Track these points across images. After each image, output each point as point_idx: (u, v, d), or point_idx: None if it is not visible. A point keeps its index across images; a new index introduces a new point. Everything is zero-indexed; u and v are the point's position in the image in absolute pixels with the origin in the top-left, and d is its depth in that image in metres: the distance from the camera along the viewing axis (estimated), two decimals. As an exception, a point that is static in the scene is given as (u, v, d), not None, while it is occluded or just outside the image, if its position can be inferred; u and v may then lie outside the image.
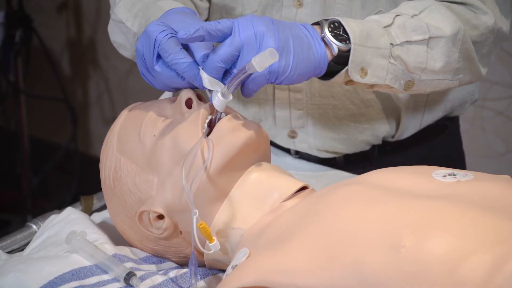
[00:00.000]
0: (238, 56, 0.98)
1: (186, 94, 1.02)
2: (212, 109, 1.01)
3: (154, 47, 0.99)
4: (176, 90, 1.05)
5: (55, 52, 2.98)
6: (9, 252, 1.13)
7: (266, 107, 1.36)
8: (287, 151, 1.42)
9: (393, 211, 0.84)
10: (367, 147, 1.37)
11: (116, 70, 2.88)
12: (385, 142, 1.37)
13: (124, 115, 1.08)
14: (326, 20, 1.04)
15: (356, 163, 1.38)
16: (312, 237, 0.85)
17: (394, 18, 1.09)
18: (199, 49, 0.99)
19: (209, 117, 1.01)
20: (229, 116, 1.01)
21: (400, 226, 0.81)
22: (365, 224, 0.83)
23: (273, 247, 0.87)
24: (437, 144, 1.42)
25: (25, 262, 1.00)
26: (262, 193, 0.99)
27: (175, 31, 1.00)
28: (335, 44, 1.03)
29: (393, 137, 1.37)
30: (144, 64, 1.02)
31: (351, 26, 1.04)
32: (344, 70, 1.05)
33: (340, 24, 1.04)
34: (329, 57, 1.03)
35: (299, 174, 1.25)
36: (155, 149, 1.00)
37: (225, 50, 0.97)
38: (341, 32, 1.04)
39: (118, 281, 0.98)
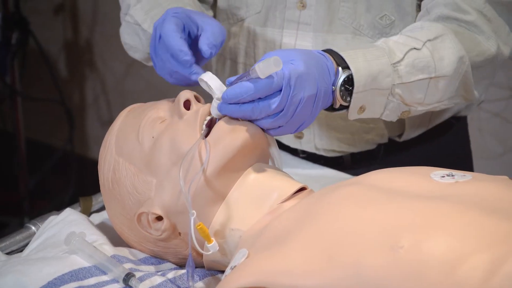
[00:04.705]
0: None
1: (184, 95, 1.02)
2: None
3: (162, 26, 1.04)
4: (173, 80, 1.08)
5: (51, 54, 2.97)
6: (8, 253, 1.13)
7: None
8: (294, 151, 1.42)
9: (391, 212, 0.84)
10: (373, 146, 1.37)
11: (113, 72, 2.88)
12: (391, 141, 1.37)
13: (122, 117, 1.08)
14: (343, 68, 1.05)
15: (362, 161, 1.38)
16: (310, 238, 0.85)
17: (407, 52, 1.10)
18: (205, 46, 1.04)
19: (208, 118, 1.01)
20: (227, 117, 1.01)
21: (399, 226, 0.81)
22: (363, 225, 0.83)
23: (272, 248, 0.87)
24: (444, 143, 1.42)
25: (24, 263, 1.00)
26: (260, 194, 0.99)
27: (193, 19, 1.05)
28: (339, 101, 1.06)
29: (400, 136, 1.37)
30: (154, 43, 1.05)
31: (359, 72, 1.05)
32: (342, 111, 1.08)
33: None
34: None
35: (297, 175, 1.25)
36: (153, 150, 1.00)
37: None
38: (350, 88, 1.06)
39: (117, 282, 0.98)
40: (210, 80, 1.01)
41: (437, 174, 0.93)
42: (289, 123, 1.00)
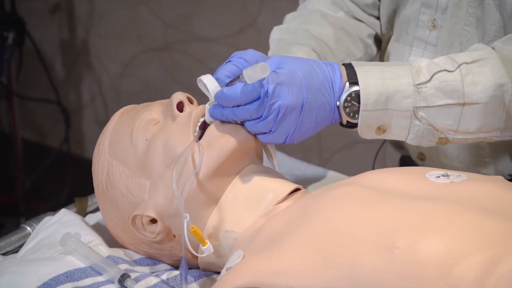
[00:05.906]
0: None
1: (177, 97, 1.02)
2: (204, 112, 1.02)
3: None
4: None
5: (48, 55, 2.97)
6: (3, 254, 1.12)
7: None
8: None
9: (387, 213, 0.84)
10: None
11: (109, 72, 2.88)
12: None
13: (115, 119, 1.07)
14: (353, 83, 0.99)
15: None
16: (306, 239, 0.85)
17: (435, 73, 1.01)
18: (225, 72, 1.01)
19: (201, 120, 1.01)
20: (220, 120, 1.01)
21: (394, 227, 0.81)
22: (359, 226, 0.83)
23: (267, 249, 0.88)
24: None
25: (19, 264, 1.00)
26: (255, 196, 0.99)
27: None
28: (344, 117, 1.01)
29: None
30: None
31: (367, 89, 0.99)
32: (355, 129, 1.03)
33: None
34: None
35: (293, 175, 1.26)
36: (147, 152, 1.00)
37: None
38: (357, 104, 1.00)
39: (113, 282, 0.98)
40: (209, 83, 0.99)
41: (433, 174, 0.93)
42: (274, 132, 0.97)
